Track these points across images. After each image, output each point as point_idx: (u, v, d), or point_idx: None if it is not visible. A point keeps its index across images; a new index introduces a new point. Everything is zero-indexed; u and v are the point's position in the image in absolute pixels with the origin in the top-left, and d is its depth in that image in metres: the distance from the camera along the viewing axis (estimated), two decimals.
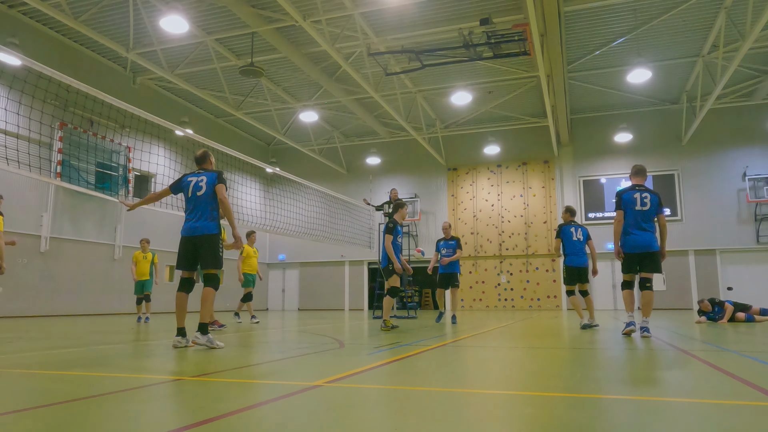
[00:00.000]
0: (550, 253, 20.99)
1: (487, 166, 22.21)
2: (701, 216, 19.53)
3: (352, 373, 3.44)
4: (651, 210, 6.18)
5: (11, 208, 13.51)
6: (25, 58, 5.81)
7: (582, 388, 2.99)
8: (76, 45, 15.61)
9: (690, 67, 17.10)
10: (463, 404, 2.49)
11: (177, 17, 12.59)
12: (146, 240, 11.60)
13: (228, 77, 17.16)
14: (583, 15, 13.95)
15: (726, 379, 3.21)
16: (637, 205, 6.17)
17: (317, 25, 13.06)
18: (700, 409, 2.39)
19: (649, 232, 6.16)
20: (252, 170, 22.18)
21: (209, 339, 5.07)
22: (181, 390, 2.97)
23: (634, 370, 3.80)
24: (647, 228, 6.16)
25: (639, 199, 6.19)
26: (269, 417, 2.24)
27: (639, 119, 20.53)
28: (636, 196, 6.21)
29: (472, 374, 3.65)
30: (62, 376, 3.43)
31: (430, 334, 6.96)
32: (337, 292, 23.40)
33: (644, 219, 6.16)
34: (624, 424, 2.13)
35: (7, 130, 7.46)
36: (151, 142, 14.18)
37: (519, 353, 4.97)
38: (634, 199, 6.21)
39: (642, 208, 6.16)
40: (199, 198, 5.26)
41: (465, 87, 18.02)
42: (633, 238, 6.16)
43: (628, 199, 6.24)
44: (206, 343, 5.03)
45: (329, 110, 20.64)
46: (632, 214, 6.18)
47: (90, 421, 2.19)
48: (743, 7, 12.92)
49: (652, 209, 6.19)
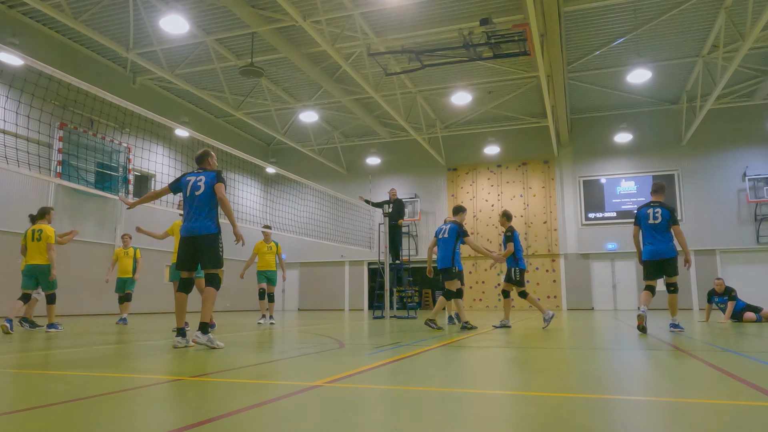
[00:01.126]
0: (550, 254, 21.00)
1: (487, 166, 22.22)
2: (701, 216, 19.53)
3: (352, 373, 3.44)
4: (662, 223, 7.07)
5: (11, 208, 13.52)
6: (26, 57, 5.82)
7: (582, 388, 2.99)
8: (76, 45, 15.61)
9: (690, 67, 17.10)
10: (463, 404, 2.49)
11: (177, 17, 12.59)
12: (128, 235, 10.76)
13: (228, 77, 17.16)
14: (583, 15, 13.95)
15: (726, 379, 3.21)
16: (650, 219, 7.17)
17: (317, 25, 13.06)
18: (700, 409, 2.39)
19: (664, 242, 7.06)
20: (252, 170, 22.19)
21: (209, 339, 5.05)
22: (181, 390, 2.97)
23: (635, 370, 3.80)
24: (661, 239, 7.07)
25: (651, 215, 7.17)
26: (269, 417, 2.24)
27: (639, 119, 20.53)
28: (649, 212, 7.21)
29: (472, 374, 3.65)
30: (62, 376, 3.43)
31: (430, 334, 6.96)
32: (337, 292, 23.40)
33: (657, 231, 7.09)
34: (624, 424, 2.13)
35: (6, 130, 7.47)
36: (150, 141, 14.22)
37: (519, 353, 4.97)
38: (647, 214, 7.21)
39: (654, 222, 7.13)
40: (197, 198, 5.23)
41: (465, 87, 18.02)
42: (649, 248, 7.15)
43: (642, 214, 7.28)
44: (206, 342, 5.02)
45: (329, 110, 20.64)
46: (646, 228, 7.20)
47: (90, 421, 2.19)
48: (743, 7, 12.92)
49: (663, 222, 7.07)
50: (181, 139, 17.72)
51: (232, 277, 16.49)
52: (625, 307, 20.06)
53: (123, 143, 16.14)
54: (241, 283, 14.18)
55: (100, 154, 15.60)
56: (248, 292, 19.57)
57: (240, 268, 10.67)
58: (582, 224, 20.89)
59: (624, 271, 20.34)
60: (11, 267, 13.05)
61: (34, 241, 8.00)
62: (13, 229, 13.53)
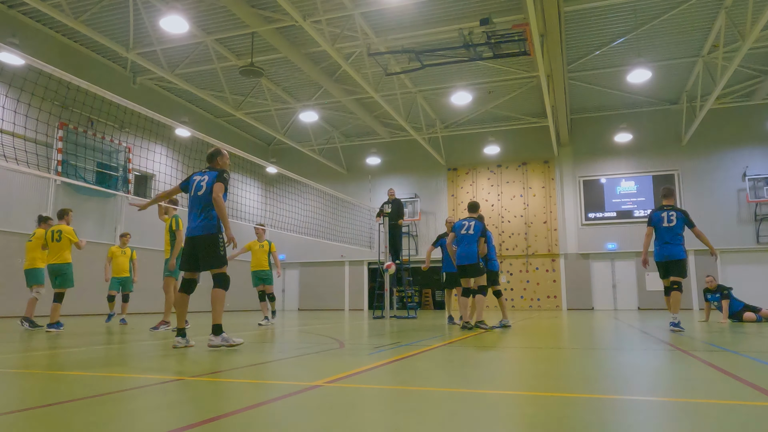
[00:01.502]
0: (550, 253, 21.00)
1: (487, 166, 22.21)
2: (701, 216, 19.46)
3: (352, 373, 3.44)
4: (677, 225, 7.33)
5: (11, 208, 13.52)
6: (26, 56, 5.81)
7: (582, 388, 2.99)
8: (76, 45, 15.61)
9: (690, 67, 17.10)
10: (464, 404, 2.49)
11: (177, 17, 12.58)
12: (127, 234, 10.76)
13: (228, 77, 17.16)
14: (583, 15, 13.95)
15: (726, 379, 3.21)
16: (665, 223, 7.39)
17: (317, 25, 13.05)
18: (700, 409, 2.39)
19: (674, 245, 7.32)
20: (252, 170, 22.19)
21: (224, 338, 4.95)
22: (181, 390, 2.97)
23: (635, 370, 3.79)
24: (672, 241, 7.32)
25: (666, 218, 7.40)
26: (269, 417, 2.24)
27: (639, 119, 20.53)
28: (663, 215, 7.44)
29: (473, 374, 3.65)
30: (62, 376, 3.43)
31: (430, 334, 6.96)
32: (337, 292, 23.39)
33: (670, 233, 7.33)
34: (624, 424, 2.13)
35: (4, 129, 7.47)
36: (150, 141, 14.21)
37: (519, 353, 4.97)
38: (662, 217, 7.44)
39: (669, 225, 7.35)
40: (199, 198, 5.20)
41: (465, 87, 18.02)
42: (659, 251, 7.43)
43: (657, 217, 7.49)
44: (222, 343, 4.92)
45: (329, 110, 20.64)
46: (660, 230, 7.43)
47: (89, 421, 2.19)
48: (743, 7, 12.92)
49: (678, 224, 7.33)
50: (181, 138, 17.72)
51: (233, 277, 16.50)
52: (625, 307, 20.06)
53: (123, 143, 16.13)
54: (241, 283, 14.18)
55: (99, 154, 15.59)
56: (248, 292, 19.55)
57: (240, 268, 10.67)
58: (582, 224, 20.89)
59: (624, 271, 20.34)
60: (11, 267, 13.06)
61: (54, 241, 8.19)
62: (13, 229, 13.53)
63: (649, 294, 19.64)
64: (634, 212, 20.40)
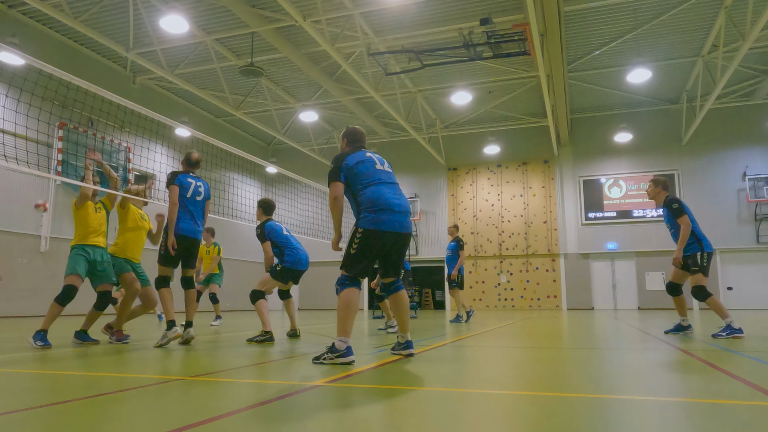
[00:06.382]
0: (550, 253, 21.00)
1: (487, 166, 22.22)
2: (701, 216, 19.35)
3: (352, 373, 3.44)
4: (666, 220, 6.62)
5: (11, 208, 13.51)
6: (26, 56, 5.81)
7: (582, 388, 2.99)
8: (76, 45, 15.61)
9: (690, 67, 17.10)
10: (463, 404, 2.49)
11: (177, 17, 12.58)
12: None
13: (228, 77, 17.16)
14: (583, 15, 13.95)
15: (726, 379, 3.21)
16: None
17: (317, 25, 13.06)
18: (700, 409, 2.39)
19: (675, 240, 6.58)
20: (252, 169, 22.18)
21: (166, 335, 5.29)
22: (181, 390, 2.97)
23: (635, 369, 3.79)
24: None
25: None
26: (269, 417, 2.24)
27: (639, 119, 20.53)
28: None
29: (472, 374, 3.65)
30: (62, 376, 3.43)
31: (430, 334, 6.96)
32: None
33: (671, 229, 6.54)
34: (624, 424, 2.13)
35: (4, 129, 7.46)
36: (150, 140, 14.19)
37: (519, 353, 4.97)
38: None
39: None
40: (198, 203, 5.57)
41: (465, 87, 18.02)
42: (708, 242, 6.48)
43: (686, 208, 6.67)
44: (170, 336, 5.26)
45: (329, 110, 20.64)
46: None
47: (89, 421, 2.19)
48: (743, 7, 12.92)
49: (666, 219, 6.62)
50: (181, 138, 17.72)
51: (233, 277, 16.50)
52: (625, 307, 20.06)
53: (123, 143, 16.13)
54: (241, 284, 14.18)
55: (99, 154, 15.57)
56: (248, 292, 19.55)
57: (239, 268, 10.80)
58: (582, 224, 20.90)
59: (624, 270, 20.34)
60: (11, 267, 13.06)
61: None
62: (13, 229, 13.53)
63: (649, 294, 19.65)
64: (633, 212, 20.40)
